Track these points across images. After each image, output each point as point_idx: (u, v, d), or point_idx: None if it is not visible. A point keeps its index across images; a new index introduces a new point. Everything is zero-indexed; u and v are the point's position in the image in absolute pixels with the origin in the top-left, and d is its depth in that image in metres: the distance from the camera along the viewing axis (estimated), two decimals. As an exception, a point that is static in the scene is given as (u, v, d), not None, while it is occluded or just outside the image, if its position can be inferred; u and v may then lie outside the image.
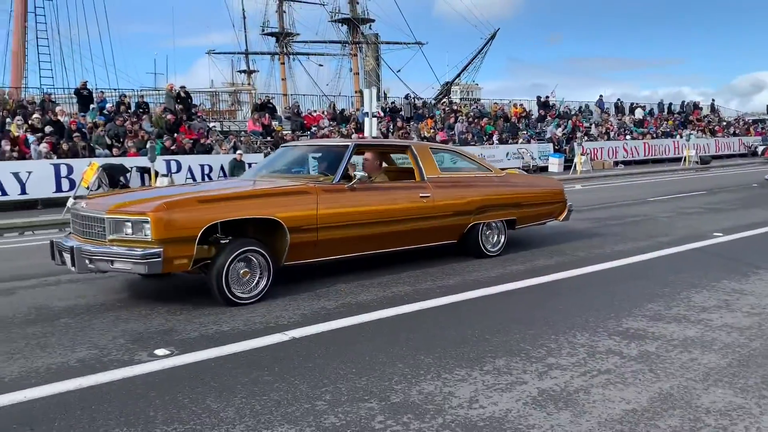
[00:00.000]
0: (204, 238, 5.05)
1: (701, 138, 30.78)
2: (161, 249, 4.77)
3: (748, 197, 13.32)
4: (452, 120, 25.42)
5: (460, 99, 45.38)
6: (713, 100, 39.58)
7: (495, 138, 24.61)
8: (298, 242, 5.47)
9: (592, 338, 4.24)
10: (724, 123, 36.28)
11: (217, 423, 3.04)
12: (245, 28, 48.69)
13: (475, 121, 26.05)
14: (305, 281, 6.00)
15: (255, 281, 5.28)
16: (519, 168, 23.51)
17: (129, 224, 4.90)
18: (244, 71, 52.71)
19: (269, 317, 4.85)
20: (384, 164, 7.60)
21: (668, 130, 31.61)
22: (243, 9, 47.54)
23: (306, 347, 4.16)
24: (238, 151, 17.14)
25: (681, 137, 29.60)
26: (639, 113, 33.06)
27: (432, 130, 24.04)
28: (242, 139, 19.69)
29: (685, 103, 37.10)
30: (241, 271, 5.16)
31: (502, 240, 7.19)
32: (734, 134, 34.31)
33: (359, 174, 6.02)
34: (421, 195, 6.48)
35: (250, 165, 17.40)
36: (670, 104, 36.29)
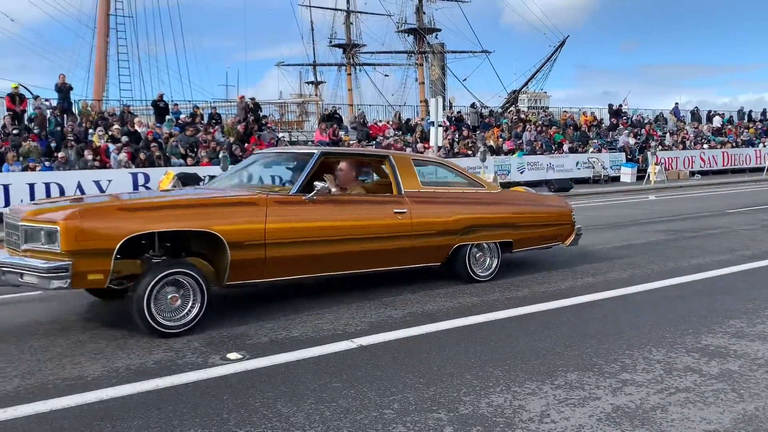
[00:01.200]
0: (132, 251, 4.57)
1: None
2: (70, 262, 4.24)
3: (839, 209, 12.52)
4: (520, 129, 25.06)
5: (528, 107, 44.75)
6: (799, 106, 37.47)
7: (565, 147, 24.12)
8: (241, 260, 4.84)
9: (669, 354, 4.07)
10: (812, 131, 34.22)
11: (288, 428, 3.09)
12: (313, 40, 49.72)
13: (544, 129, 25.59)
14: (372, 290, 6.03)
15: (187, 308, 4.67)
16: (590, 177, 23.02)
17: (42, 233, 4.38)
18: (312, 82, 53.78)
19: (337, 324, 4.90)
20: (375, 176, 7.06)
21: (749, 138, 30.12)
22: (311, 21, 48.60)
23: (373, 355, 4.18)
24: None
25: (763, 146, 28.14)
26: (717, 121, 31.65)
27: (499, 139, 23.79)
28: (310, 148, 20.04)
29: (768, 111, 35.25)
30: (169, 296, 4.58)
31: (495, 264, 6.44)
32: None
33: (320, 185, 5.31)
34: (395, 211, 5.77)
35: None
36: (750, 111, 34.59)
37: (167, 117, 19.91)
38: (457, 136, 23.24)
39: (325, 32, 49.84)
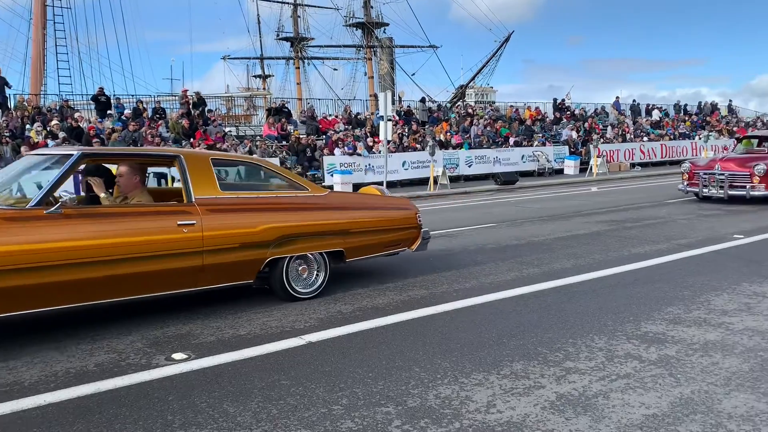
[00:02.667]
0: None
1: (719, 139, 30.43)
2: None
3: (768, 199, 13.12)
4: (468, 123, 25.36)
5: (475, 102, 45.30)
6: (730, 100, 39.18)
7: (511, 140, 24.55)
8: None
9: (611, 342, 4.20)
10: (743, 124, 35.84)
11: (234, 427, 3.05)
12: (260, 34, 49.10)
13: (491, 123, 25.97)
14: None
15: None
16: (535, 170, 23.48)
17: None
18: (260, 76, 53.12)
19: (285, 321, 4.86)
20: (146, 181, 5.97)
21: (686, 131, 31.29)
22: (258, 15, 47.95)
23: (322, 351, 4.16)
24: (254, 156, 17.24)
25: (699, 138, 29.29)
26: (656, 115, 32.78)
27: (447, 134, 24.01)
28: (258, 143, 19.80)
29: (703, 104, 36.72)
30: None
31: (321, 278, 5.65)
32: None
33: (66, 196, 4.56)
34: (179, 223, 4.82)
35: (265, 169, 17.54)
36: (686, 105, 35.94)
37: (109, 112, 19.32)
38: (406, 130, 23.34)
39: (273, 25, 49.29)
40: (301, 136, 20.58)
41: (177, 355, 4.11)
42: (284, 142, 20.34)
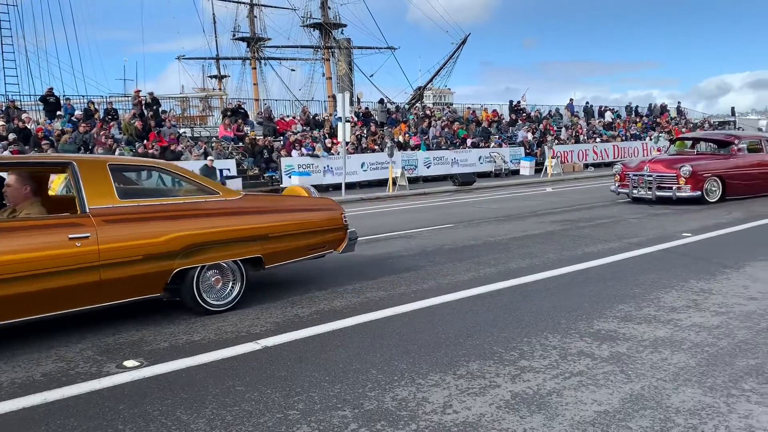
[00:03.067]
0: None
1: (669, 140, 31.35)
2: None
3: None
4: (426, 125, 25.51)
5: (433, 104, 45.61)
6: (679, 102, 40.42)
7: (468, 142, 24.82)
8: None
9: (564, 340, 4.27)
10: (691, 125, 37.02)
11: (188, 435, 2.99)
12: (216, 33, 48.43)
13: (448, 125, 26.19)
14: (278, 289, 5.95)
15: None
16: (492, 171, 23.78)
17: None
18: (215, 76, 52.39)
19: (241, 326, 4.79)
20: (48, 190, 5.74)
21: (637, 132, 32.15)
22: (213, 14, 47.29)
23: (278, 356, 4.12)
24: (209, 158, 17.01)
25: (649, 139, 30.12)
26: (608, 116, 33.59)
27: (406, 135, 24.11)
28: (213, 145, 19.52)
29: (654, 106, 37.78)
30: None
31: (238, 287, 5.34)
32: (701, 136, 34.99)
33: None
34: (71, 236, 4.45)
35: (221, 171, 17.33)
36: (637, 107, 36.93)
37: (58, 113, 18.78)
38: (365, 131, 23.34)
39: (228, 25, 48.65)
40: (257, 138, 20.38)
41: (129, 363, 4.01)
42: (240, 144, 20.11)
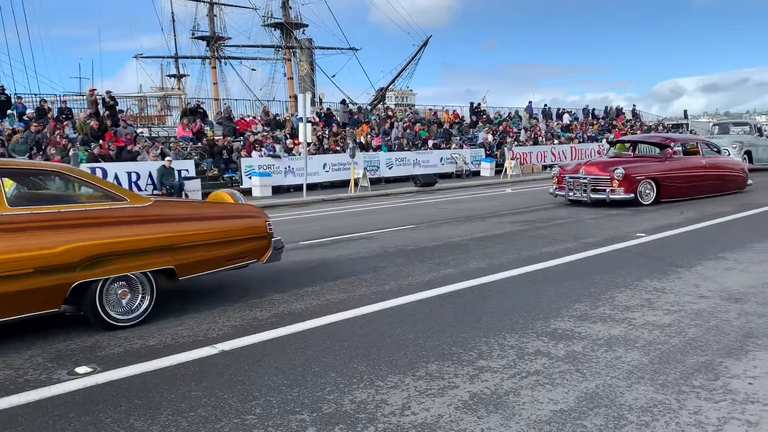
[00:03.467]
0: None
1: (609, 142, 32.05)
2: None
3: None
4: (388, 125, 25.56)
5: (395, 105, 45.73)
6: (634, 105, 41.45)
7: (430, 143, 24.96)
8: None
9: (522, 339, 4.32)
10: (645, 127, 37.96)
11: (141, 443, 2.92)
12: (174, 32, 47.65)
13: (410, 126, 26.29)
14: (237, 292, 5.88)
15: None
16: (453, 172, 23.95)
17: None
18: (174, 75, 51.58)
19: (198, 330, 4.71)
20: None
21: (594, 134, 32.80)
22: (172, 12, 46.52)
23: (236, 360, 4.06)
24: (167, 158, 16.70)
25: (606, 141, 30.77)
26: (566, 118, 34.20)
27: (368, 136, 24.11)
28: (171, 145, 19.18)
29: (610, 109, 38.63)
30: None
31: (147, 301, 5.01)
32: (655, 138, 35.93)
33: None
34: None
35: (180, 172, 17.05)
36: (594, 110, 37.72)
37: (9, 111, 18.20)
38: (327, 132, 23.25)
39: (188, 24, 47.95)
40: (217, 138, 20.11)
41: (81, 369, 3.91)
42: (199, 144, 19.81)
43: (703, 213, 10.85)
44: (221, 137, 20.45)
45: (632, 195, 12.11)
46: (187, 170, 17.52)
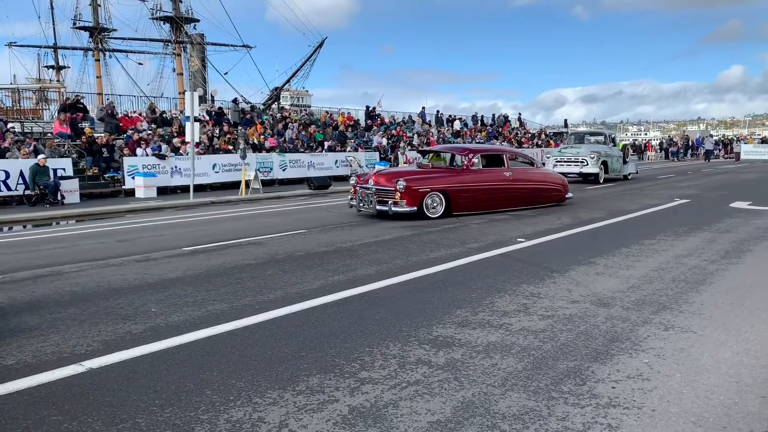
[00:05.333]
0: None
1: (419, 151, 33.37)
2: None
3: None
4: (282, 126, 25.20)
5: (291, 105, 45.25)
6: (520, 114, 43.46)
7: (325, 145, 24.88)
8: None
9: (404, 348, 4.35)
10: (529, 135, 39.90)
11: (-13, 479, 2.66)
12: (53, 20, 44.68)
13: (305, 127, 26.08)
14: (110, 302, 5.54)
15: None
16: (348, 175, 23.98)
17: None
18: (53, 67, 48.30)
19: (64, 346, 4.39)
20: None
21: (482, 141, 34.05)
22: (50, -1, 43.45)
23: (105, 378, 3.81)
24: (41, 156, 15.56)
25: (416, 151, 32.03)
26: (457, 125, 35.29)
27: (261, 136, 23.65)
28: (45, 142, 17.89)
29: (497, 116, 40.27)
30: None
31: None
32: (537, 145, 37.87)
33: None
34: None
35: (56, 171, 15.94)
36: (482, 117, 39.19)
37: None
38: (217, 131, 22.58)
39: (68, 12, 45.29)
40: (96, 135, 18.99)
41: None
42: (78, 141, 18.63)
43: (578, 219, 11.51)
44: (102, 134, 19.33)
45: (415, 208, 11.62)
46: (63, 169, 16.41)
